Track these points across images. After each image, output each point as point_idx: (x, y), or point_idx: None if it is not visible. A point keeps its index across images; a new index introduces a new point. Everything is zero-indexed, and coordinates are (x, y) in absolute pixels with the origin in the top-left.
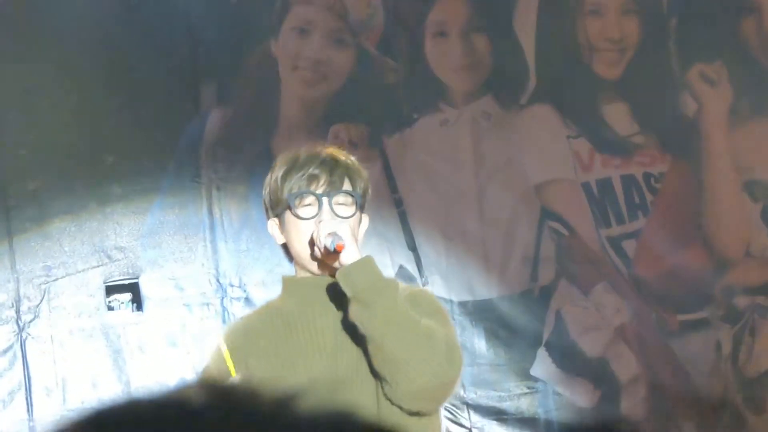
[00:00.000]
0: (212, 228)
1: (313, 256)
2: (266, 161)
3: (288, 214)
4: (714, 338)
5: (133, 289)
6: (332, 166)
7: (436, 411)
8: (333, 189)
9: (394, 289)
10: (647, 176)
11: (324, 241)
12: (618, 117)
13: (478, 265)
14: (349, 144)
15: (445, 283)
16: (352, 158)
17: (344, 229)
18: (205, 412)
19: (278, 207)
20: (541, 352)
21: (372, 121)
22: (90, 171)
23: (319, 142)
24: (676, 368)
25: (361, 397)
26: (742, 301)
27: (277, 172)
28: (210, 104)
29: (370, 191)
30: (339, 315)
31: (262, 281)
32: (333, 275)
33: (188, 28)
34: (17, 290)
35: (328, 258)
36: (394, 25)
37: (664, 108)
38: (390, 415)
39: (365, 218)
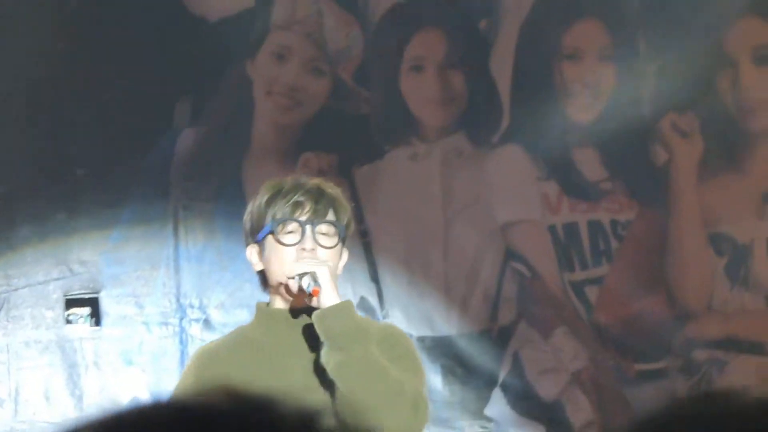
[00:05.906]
0: (176, 247)
1: (288, 290)
2: (235, 183)
3: (269, 240)
4: (670, 389)
5: (93, 303)
6: (318, 195)
7: None
8: (317, 217)
9: (368, 338)
10: (614, 223)
11: (300, 279)
12: (588, 162)
13: (440, 301)
14: (318, 172)
15: (406, 316)
16: (338, 190)
17: (323, 272)
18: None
19: (259, 233)
20: (497, 393)
21: (343, 150)
22: (59, 182)
23: (302, 171)
24: (631, 417)
25: None
26: (700, 355)
27: (261, 198)
28: (183, 122)
29: (353, 226)
30: (310, 355)
31: (222, 304)
32: (307, 307)
33: (165, 45)
34: None
35: (299, 296)
36: (371, 57)
37: (634, 156)
38: None
39: (345, 253)
